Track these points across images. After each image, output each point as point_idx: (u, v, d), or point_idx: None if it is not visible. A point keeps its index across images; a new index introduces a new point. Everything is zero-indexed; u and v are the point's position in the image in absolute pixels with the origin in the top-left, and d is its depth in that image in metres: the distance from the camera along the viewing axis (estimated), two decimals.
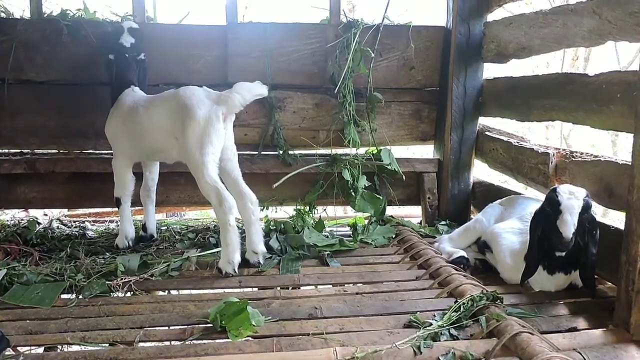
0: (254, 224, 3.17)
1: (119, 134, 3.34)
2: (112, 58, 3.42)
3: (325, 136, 4.11)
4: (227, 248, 3.00)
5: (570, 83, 3.01)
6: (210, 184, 2.93)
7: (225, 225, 2.95)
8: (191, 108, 2.96)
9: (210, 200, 2.96)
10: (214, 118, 2.96)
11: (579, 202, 2.48)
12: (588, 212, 2.51)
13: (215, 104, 2.99)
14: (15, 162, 3.81)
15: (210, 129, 2.94)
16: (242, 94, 3.02)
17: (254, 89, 3.08)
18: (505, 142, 3.67)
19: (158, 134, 3.16)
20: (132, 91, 3.37)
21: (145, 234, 3.65)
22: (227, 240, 2.98)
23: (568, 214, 2.47)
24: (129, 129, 3.27)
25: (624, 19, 2.55)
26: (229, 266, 3.01)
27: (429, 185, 4.20)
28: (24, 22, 3.80)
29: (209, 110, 2.96)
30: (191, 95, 3.01)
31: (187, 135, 2.95)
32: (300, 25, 4.04)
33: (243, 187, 3.22)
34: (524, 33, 3.40)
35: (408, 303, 2.61)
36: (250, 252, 3.20)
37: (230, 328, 2.28)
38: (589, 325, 2.37)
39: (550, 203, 2.56)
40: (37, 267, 3.08)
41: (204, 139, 2.94)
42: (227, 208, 2.91)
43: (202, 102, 2.98)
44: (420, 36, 4.09)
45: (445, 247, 3.29)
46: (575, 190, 2.52)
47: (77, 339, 2.26)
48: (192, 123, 2.94)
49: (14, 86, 3.80)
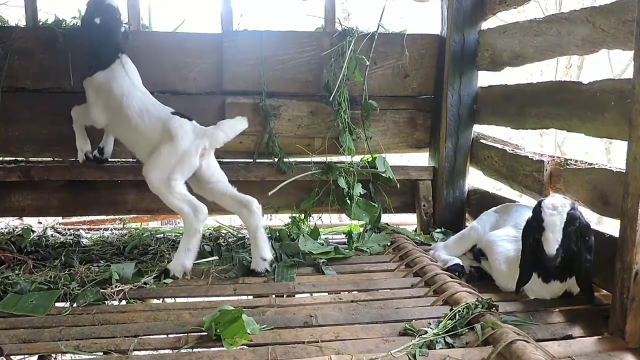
0: (260, 229, 3.20)
1: (101, 102, 3.35)
2: (98, 22, 3.36)
3: (320, 144, 4.11)
4: (186, 253, 3.08)
5: (564, 91, 3.02)
6: (181, 198, 3.06)
7: (194, 232, 3.06)
8: (175, 137, 3.07)
9: (183, 211, 3.05)
10: (192, 151, 3.09)
11: (562, 217, 2.49)
12: (574, 224, 2.51)
13: (198, 139, 3.11)
14: (9, 170, 3.79)
15: (186, 160, 3.07)
16: (226, 132, 3.17)
17: (237, 126, 3.23)
18: (500, 149, 3.68)
19: (137, 135, 3.24)
20: (123, 65, 3.34)
21: (101, 156, 3.74)
22: (190, 245, 3.08)
23: (550, 232, 2.48)
24: (111, 107, 3.30)
25: (618, 27, 2.57)
26: (179, 270, 3.08)
27: (424, 193, 4.20)
28: (19, 30, 3.79)
29: (190, 144, 3.09)
30: (179, 127, 3.11)
31: (163, 156, 3.06)
32: (295, 34, 4.05)
33: (242, 196, 3.25)
34: (518, 41, 3.42)
35: (403, 311, 2.61)
36: (257, 259, 3.18)
37: (225, 336, 2.27)
38: (584, 333, 2.37)
39: (535, 217, 2.58)
40: (31, 275, 3.06)
41: (177, 167, 3.06)
42: (202, 215, 3.04)
43: (187, 134, 3.10)
44: (415, 44, 4.10)
45: (441, 255, 3.29)
46: (559, 204, 2.52)
47: (71, 348, 2.25)
48: (172, 149, 3.06)
49: (9, 94, 3.79)
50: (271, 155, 4.03)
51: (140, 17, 3.93)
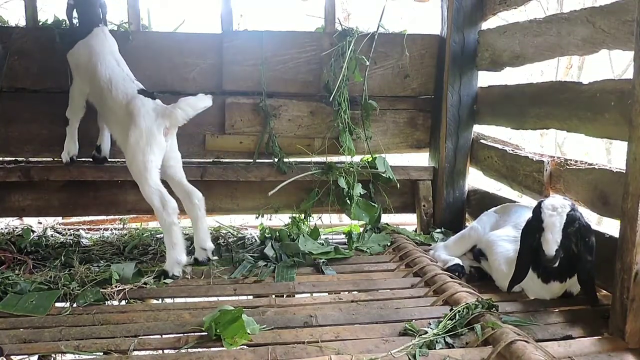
0: (201, 220, 3.31)
1: (82, 71, 3.42)
2: (72, 3, 3.50)
3: (320, 144, 4.11)
4: (174, 249, 3.11)
5: (565, 91, 3.02)
6: (154, 188, 3.09)
7: (170, 226, 3.09)
8: (137, 117, 3.11)
9: (154, 204, 3.09)
10: (155, 130, 3.11)
11: (562, 218, 2.49)
12: (574, 225, 2.51)
13: (159, 118, 3.13)
14: (9, 170, 3.79)
15: (152, 140, 3.10)
16: (184, 109, 3.15)
17: (197, 103, 3.20)
18: (500, 150, 3.68)
19: (107, 110, 3.34)
20: (102, 33, 3.45)
21: (99, 155, 3.78)
22: (174, 240, 3.11)
23: (549, 233, 2.49)
24: (90, 76, 3.36)
25: (618, 27, 2.57)
26: (176, 267, 3.11)
27: (424, 193, 4.20)
28: (19, 30, 3.80)
29: (152, 123, 3.11)
30: (141, 106, 3.14)
31: (131, 143, 3.09)
32: (295, 34, 4.05)
33: (187, 186, 3.34)
34: (518, 41, 3.42)
35: (403, 311, 2.61)
36: (198, 249, 3.34)
37: (225, 336, 2.27)
38: (584, 333, 2.37)
39: (535, 218, 2.59)
40: (31, 275, 3.07)
41: (146, 148, 3.08)
42: (170, 209, 3.07)
43: (148, 114, 3.12)
44: (415, 44, 4.10)
45: (441, 255, 3.29)
46: (559, 205, 2.52)
47: (71, 348, 2.25)
48: (137, 132, 3.09)
49: (8, 94, 3.79)
50: (271, 156, 4.03)
51: (140, 17, 3.94)
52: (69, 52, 3.47)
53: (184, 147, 3.52)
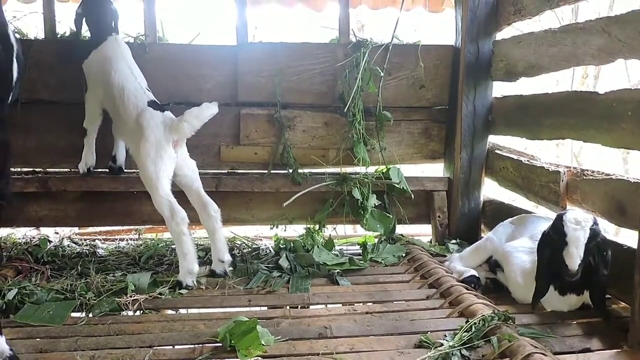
0: (218, 232, 3.31)
1: (96, 80, 3.47)
2: (80, 12, 3.58)
3: (334, 155, 4.12)
4: (185, 258, 3.11)
5: (581, 101, 3.00)
6: (164, 198, 3.10)
7: (180, 236, 3.10)
8: (146, 131, 3.14)
9: (164, 213, 3.11)
10: (164, 143, 3.15)
11: (585, 232, 2.47)
12: (596, 239, 2.49)
13: (167, 131, 3.17)
14: (27, 181, 3.83)
15: (162, 152, 3.14)
16: (190, 122, 3.17)
17: (203, 113, 3.20)
18: (516, 160, 3.66)
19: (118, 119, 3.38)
20: (115, 41, 3.51)
21: (114, 165, 3.80)
22: (185, 250, 3.11)
23: (574, 247, 2.46)
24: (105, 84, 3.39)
25: (634, 37, 2.55)
26: (189, 277, 3.12)
27: (439, 204, 4.18)
28: (37, 42, 3.85)
29: (161, 136, 3.15)
30: (150, 119, 3.18)
31: (142, 155, 3.13)
32: (309, 45, 4.07)
33: (205, 197, 3.34)
34: (533, 51, 3.40)
35: (419, 323, 2.60)
36: (216, 261, 3.33)
37: (240, 347, 2.27)
38: (602, 346, 2.34)
39: (556, 231, 2.55)
40: (48, 282, 3.10)
41: (157, 159, 3.12)
42: (180, 219, 3.08)
43: (157, 127, 3.16)
44: (429, 55, 4.10)
45: (456, 266, 3.28)
46: (582, 219, 2.50)
47: (86, 358, 2.26)
48: (147, 145, 3.13)
49: (27, 105, 3.83)
50: (286, 166, 4.04)
51: (156, 29, 3.98)
52: (84, 62, 3.53)
53: (199, 158, 3.55)
